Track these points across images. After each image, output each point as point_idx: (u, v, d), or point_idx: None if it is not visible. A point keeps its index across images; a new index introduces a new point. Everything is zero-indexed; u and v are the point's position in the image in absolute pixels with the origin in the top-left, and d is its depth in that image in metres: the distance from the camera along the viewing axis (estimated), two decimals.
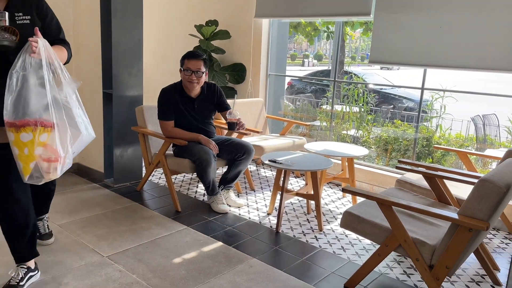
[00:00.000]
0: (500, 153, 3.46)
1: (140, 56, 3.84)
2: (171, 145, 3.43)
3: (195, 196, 3.75)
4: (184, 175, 4.30)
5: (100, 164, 3.99)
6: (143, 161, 3.87)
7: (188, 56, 3.36)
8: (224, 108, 3.53)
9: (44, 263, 2.49)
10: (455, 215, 2.00)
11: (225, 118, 3.48)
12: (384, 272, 2.59)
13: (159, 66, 5.81)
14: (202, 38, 4.84)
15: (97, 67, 3.83)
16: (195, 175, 4.28)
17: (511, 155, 2.56)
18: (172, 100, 3.35)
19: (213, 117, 3.60)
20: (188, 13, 5.39)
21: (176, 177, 4.22)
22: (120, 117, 3.78)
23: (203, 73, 3.34)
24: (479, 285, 2.50)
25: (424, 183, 2.88)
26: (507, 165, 2.15)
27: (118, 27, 3.63)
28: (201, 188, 3.97)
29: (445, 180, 2.71)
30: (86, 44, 3.94)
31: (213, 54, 4.93)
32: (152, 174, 4.16)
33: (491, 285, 2.51)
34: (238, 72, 4.90)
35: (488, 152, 4.10)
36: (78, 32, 4.00)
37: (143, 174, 3.94)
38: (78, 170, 4.24)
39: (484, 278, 2.58)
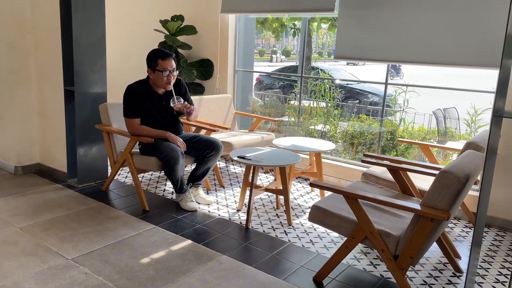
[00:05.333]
0: (460, 145, 3.59)
1: (103, 52, 3.73)
2: (137, 143, 3.36)
3: (163, 195, 3.70)
4: (152, 173, 4.23)
5: (63, 164, 3.86)
6: (108, 160, 3.78)
7: (162, 56, 3.22)
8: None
9: (5, 268, 2.39)
10: (417, 206, 2.06)
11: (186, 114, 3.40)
12: (352, 264, 2.64)
13: (123, 63, 5.67)
14: (167, 33, 4.76)
15: (58, 64, 3.69)
16: (163, 173, 4.22)
17: (470, 147, 2.66)
18: (139, 97, 3.28)
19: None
20: (153, 8, 5.28)
21: (143, 176, 4.15)
22: (83, 115, 3.66)
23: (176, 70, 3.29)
24: (441, 273, 2.60)
25: (388, 176, 2.96)
26: (466, 157, 2.23)
27: (79, 22, 3.51)
28: (169, 186, 3.91)
29: (408, 173, 2.79)
30: (45, 40, 3.79)
31: (179, 50, 4.86)
32: (118, 173, 4.07)
33: (453, 273, 2.61)
34: (205, 68, 4.86)
35: (449, 144, 4.25)
36: (37, 27, 3.84)
37: (109, 173, 3.85)
38: (40, 171, 4.08)
39: (446, 266, 2.68)
